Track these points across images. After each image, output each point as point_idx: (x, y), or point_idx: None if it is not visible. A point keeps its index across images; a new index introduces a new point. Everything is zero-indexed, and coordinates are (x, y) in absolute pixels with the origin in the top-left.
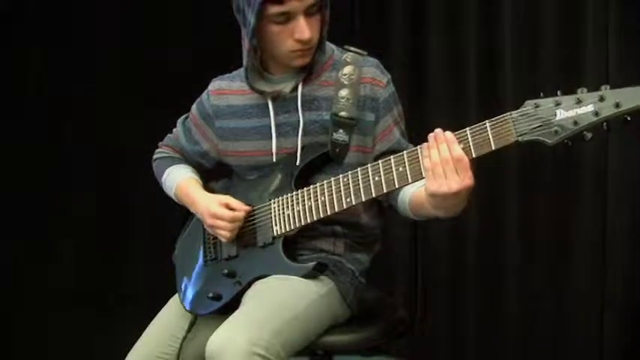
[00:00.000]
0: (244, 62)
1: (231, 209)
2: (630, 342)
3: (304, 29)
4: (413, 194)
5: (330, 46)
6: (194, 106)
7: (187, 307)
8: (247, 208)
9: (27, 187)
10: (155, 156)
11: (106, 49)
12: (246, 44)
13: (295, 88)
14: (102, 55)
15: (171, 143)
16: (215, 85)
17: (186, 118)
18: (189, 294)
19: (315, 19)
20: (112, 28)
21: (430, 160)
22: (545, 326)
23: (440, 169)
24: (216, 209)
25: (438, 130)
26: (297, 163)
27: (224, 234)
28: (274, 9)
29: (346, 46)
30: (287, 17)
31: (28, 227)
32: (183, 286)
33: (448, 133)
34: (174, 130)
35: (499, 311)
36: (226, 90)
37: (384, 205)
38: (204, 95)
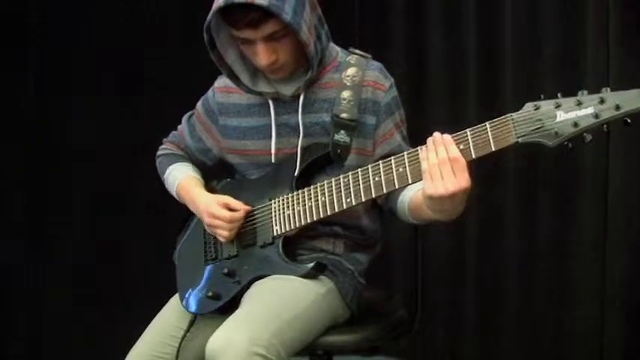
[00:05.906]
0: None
1: (231, 209)
2: (631, 342)
3: (261, 56)
4: (412, 198)
5: (334, 48)
6: (199, 103)
7: (187, 307)
8: (247, 207)
9: (27, 186)
10: (158, 152)
11: (106, 48)
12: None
13: (296, 94)
14: (102, 54)
15: (175, 140)
16: (221, 82)
17: (192, 115)
18: (189, 294)
19: (283, 42)
20: (112, 27)
21: (428, 162)
22: (545, 326)
23: (437, 170)
24: (215, 209)
25: (437, 134)
26: (298, 163)
27: (222, 233)
28: (233, 32)
29: (351, 49)
30: (248, 41)
31: (28, 227)
32: (183, 286)
33: (446, 136)
34: (179, 127)
35: (499, 311)
36: (232, 88)
37: (384, 210)
38: (209, 92)
